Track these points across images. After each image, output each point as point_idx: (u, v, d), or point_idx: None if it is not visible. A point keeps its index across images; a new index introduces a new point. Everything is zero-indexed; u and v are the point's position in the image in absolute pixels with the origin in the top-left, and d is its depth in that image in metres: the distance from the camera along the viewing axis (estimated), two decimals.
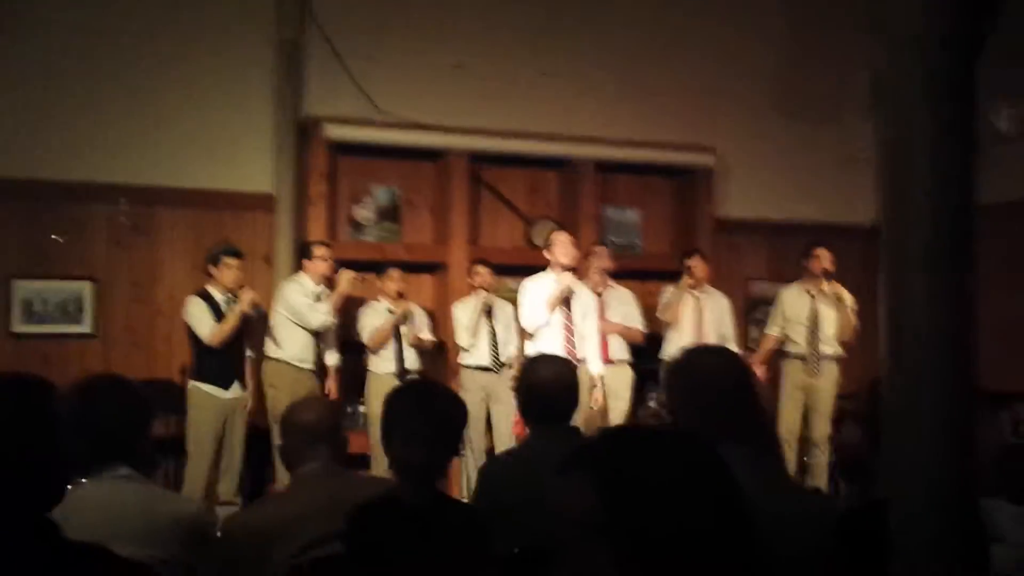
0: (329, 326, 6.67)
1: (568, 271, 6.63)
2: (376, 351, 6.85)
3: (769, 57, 8.66)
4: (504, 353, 6.98)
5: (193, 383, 6.31)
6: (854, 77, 8.57)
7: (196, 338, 6.30)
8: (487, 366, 6.92)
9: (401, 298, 6.87)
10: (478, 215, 7.93)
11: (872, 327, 2.81)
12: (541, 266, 6.98)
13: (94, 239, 7.07)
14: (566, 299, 6.62)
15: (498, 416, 6.85)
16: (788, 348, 7.38)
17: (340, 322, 7.06)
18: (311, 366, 6.65)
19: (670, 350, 7.21)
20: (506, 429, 6.74)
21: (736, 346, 7.46)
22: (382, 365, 6.85)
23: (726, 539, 1.34)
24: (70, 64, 6.99)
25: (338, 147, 7.44)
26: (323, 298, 6.67)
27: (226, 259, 6.37)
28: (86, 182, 6.98)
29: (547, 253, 6.74)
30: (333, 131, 7.29)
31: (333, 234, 7.43)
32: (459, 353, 7.03)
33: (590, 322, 6.73)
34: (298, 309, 6.56)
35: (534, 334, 6.65)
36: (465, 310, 6.99)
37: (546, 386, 3.12)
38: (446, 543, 2.47)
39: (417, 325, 6.97)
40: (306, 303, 6.58)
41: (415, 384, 2.79)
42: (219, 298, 6.36)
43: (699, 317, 7.28)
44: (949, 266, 2.66)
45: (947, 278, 2.65)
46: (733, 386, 2.29)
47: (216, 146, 7.33)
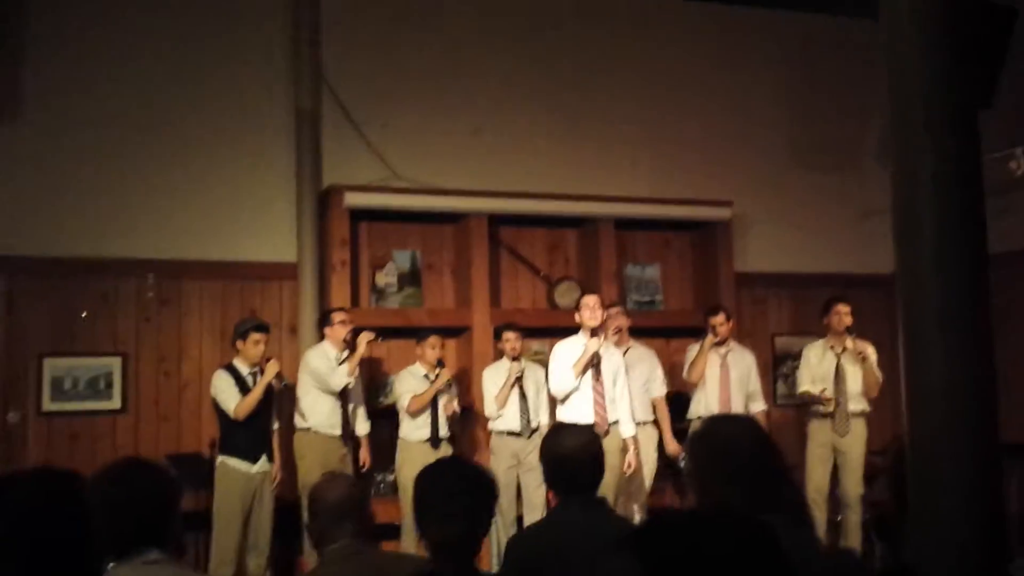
0: (350, 386, 6.69)
1: (596, 335, 6.62)
2: (414, 417, 6.84)
3: (785, 109, 8.73)
4: (535, 418, 6.95)
5: (221, 457, 6.34)
6: (871, 127, 8.62)
7: (223, 412, 6.35)
8: (517, 431, 6.90)
9: (441, 365, 6.88)
10: (499, 277, 7.97)
11: (896, 378, 2.81)
12: (564, 327, 6.99)
13: (122, 314, 7.14)
14: (595, 363, 6.62)
15: (528, 483, 6.80)
16: (814, 407, 7.32)
17: (366, 389, 7.10)
18: (339, 432, 6.67)
19: (698, 409, 7.20)
20: (536, 497, 6.69)
21: (763, 403, 7.45)
22: (415, 432, 6.84)
23: None
24: (94, 141, 7.12)
25: (358, 214, 7.53)
26: (343, 363, 6.71)
27: (254, 335, 6.44)
28: (113, 258, 7.08)
29: (577, 316, 6.75)
30: (353, 198, 7.38)
31: (356, 301, 7.49)
32: (489, 419, 7.03)
33: (621, 384, 6.71)
34: (319, 373, 6.61)
35: (564, 400, 6.64)
36: (494, 377, 6.98)
37: (571, 457, 3.12)
38: None
39: (451, 394, 6.98)
40: (326, 366, 6.64)
41: (446, 461, 2.79)
42: (245, 372, 6.42)
43: (725, 375, 7.26)
44: (965, 319, 2.66)
45: (963, 331, 2.66)
46: (755, 454, 2.30)
47: (239, 217, 7.43)
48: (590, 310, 6.63)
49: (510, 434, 6.90)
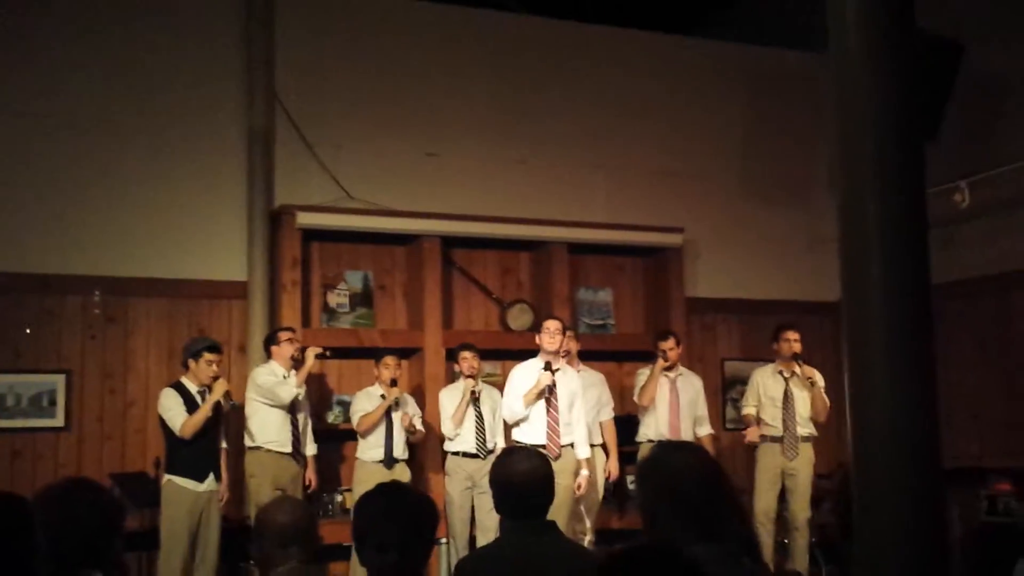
0: (299, 398, 6.65)
1: (550, 364, 6.63)
2: (365, 436, 6.83)
3: (736, 139, 8.85)
4: (491, 439, 6.95)
5: (168, 477, 6.25)
6: (821, 157, 8.78)
7: (170, 431, 6.26)
8: (473, 452, 6.90)
9: (394, 384, 6.86)
10: (452, 299, 7.98)
11: (844, 404, 2.85)
12: (516, 350, 7.00)
13: (67, 331, 7.04)
14: (547, 394, 6.63)
15: (482, 505, 6.77)
16: (763, 431, 7.40)
17: (314, 409, 7.06)
18: (290, 449, 6.62)
19: (647, 433, 7.27)
20: (489, 519, 6.64)
21: (710, 427, 7.52)
22: (370, 452, 6.83)
23: None
24: (40, 156, 7.04)
25: (310, 234, 7.49)
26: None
27: (207, 355, 6.37)
28: (59, 274, 6.98)
29: (537, 338, 6.76)
30: (305, 218, 7.35)
31: (307, 321, 7.45)
32: (445, 439, 7.01)
33: (578, 407, 6.73)
34: (267, 387, 6.56)
35: (518, 423, 6.65)
36: (451, 397, 6.99)
37: (521, 481, 3.12)
38: None
39: (410, 412, 6.95)
40: (274, 380, 6.60)
41: (384, 489, 2.76)
42: (193, 390, 6.35)
43: (675, 399, 7.33)
44: (908, 346, 2.71)
45: (907, 358, 2.70)
46: (703, 484, 2.31)
47: (188, 235, 7.36)
48: (550, 334, 6.66)
49: (466, 455, 6.91)
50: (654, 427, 7.24)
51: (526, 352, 6.91)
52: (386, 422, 6.83)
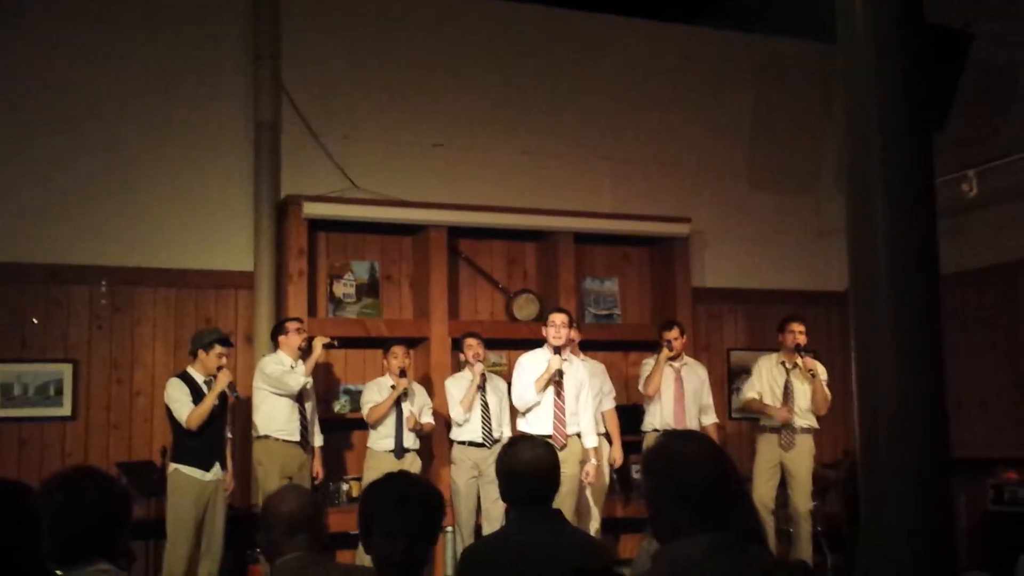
0: (307, 387, 6.67)
1: (557, 353, 6.64)
2: (374, 426, 6.85)
3: (742, 129, 8.82)
4: (497, 429, 6.96)
5: (174, 465, 6.28)
6: (828, 147, 8.76)
7: (176, 420, 6.28)
8: (479, 442, 6.90)
9: (403, 375, 6.87)
10: (458, 289, 7.97)
11: (850, 393, 2.85)
12: (522, 339, 7.00)
13: (74, 321, 7.05)
14: (557, 379, 6.63)
15: (488, 495, 6.78)
16: (762, 421, 7.40)
17: (321, 398, 7.07)
18: (298, 438, 6.62)
19: (653, 422, 7.29)
20: (495, 509, 6.65)
21: (715, 416, 7.52)
22: (381, 442, 6.85)
23: None
24: (48, 148, 7.05)
25: (317, 224, 7.49)
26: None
27: (218, 347, 6.39)
28: (65, 264, 7.00)
29: (543, 330, 6.77)
30: (311, 208, 7.35)
31: (313, 311, 7.45)
32: (452, 428, 7.02)
33: (584, 396, 6.73)
34: (276, 376, 6.57)
35: (524, 412, 6.64)
36: (458, 384, 6.98)
37: (527, 469, 3.13)
38: None
39: (417, 406, 6.96)
40: (282, 369, 6.61)
41: (390, 479, 2.76)
42: (199, 380, 6.36)
43: (679, 389, 7.33)
44: (916, 337, 2.70)
45: (914, 349, 2.69)
46: (709, 472, 2.31)
47: (196, 226, 7.37)
48: (555, 329, 6.67)
49: (472, 444, 6.91)
50: (659, 417, 7.25)
51: (532, 342, 6.91)
52: (396, 412, 6.84)
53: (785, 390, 7.31)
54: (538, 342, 6.85)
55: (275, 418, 6.58)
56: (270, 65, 7.54)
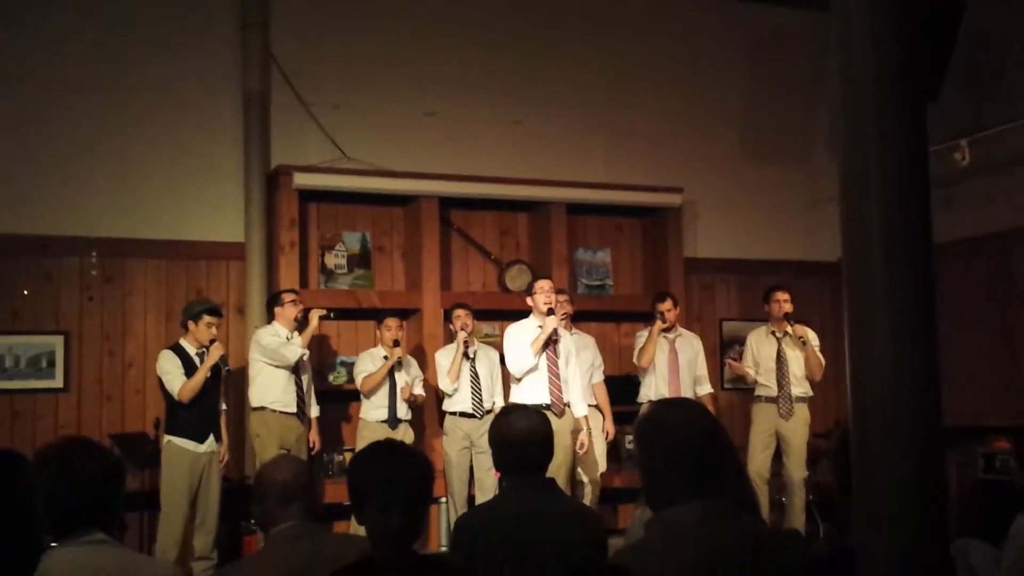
0: (304, 358, 6.67)
1: (551, 315, 6.64)
2: (368, 396, 6.86)
3: (736, 99, 8.79)
4: (488, 399, 6.96)
5: (167, 437, 6.28)
6: (820, 117, 8.73)
7: (169, 392, 6.28)
8: (470, 412, 6.92)
9: (396, 345, 6.87)
10: (450, 260, 7.96)
11: (842, 364, 2.85)
12: (514, 310, 6.99)
13: (65, 293, 7.03)
14: (552, 343, 6.64)
15: (481, 465, 6.81)
16: (758, 391, 7.43)
17: (315, 369, 7.07)
18: (295, 409, 6.63)
19: (648, 394, 7.30)
20: (488, 478, 6.70)
21: (710, 386, 7.55)
22: (374, 413, 6.86)
23: None
24: (37, 118, 7.00)
25: (307, 194, 7.46)
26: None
27: (207, 317, 6.38)
28: (56, 235, 6.96)
29: (529, 300, 6.76)
30: (301, 179, 7.31)
31: (305, 282, 7.43)
32: (443, 400, 7.03)
33: (573, 365, 6.75)
34: (273, 348, 6.56)
35: (520, 379, 6.65)
36: (447, 356, 6.99)
37: (520, 438, 3.14)
38: None
39: (410, 377, 6.97)
40: (279, 341, 6.60)
41: (380, 447, 2.72)
42: (191, 352, 6.35)
43: (674, 360, 7.35)
44: (909, 306, 2.71)
45: (907, 318, 2.70)
46: (702, 440, 2.31)
47: (185, 196, 7.34)
48: (545, 293, 6.66)
49: (463, 415, 6.92)
50: (654, 388, 7.27)
51: (525, 313, 6.91)
52: (389, 383, 6.85)
53: (778, 359, 7.33)
54: (530, 313, 6.83)
55: (272, 390, 6.57)
56: (259, 34, 7.48)
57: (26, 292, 6.91)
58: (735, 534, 2.23)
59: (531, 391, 6.55)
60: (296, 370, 6.65)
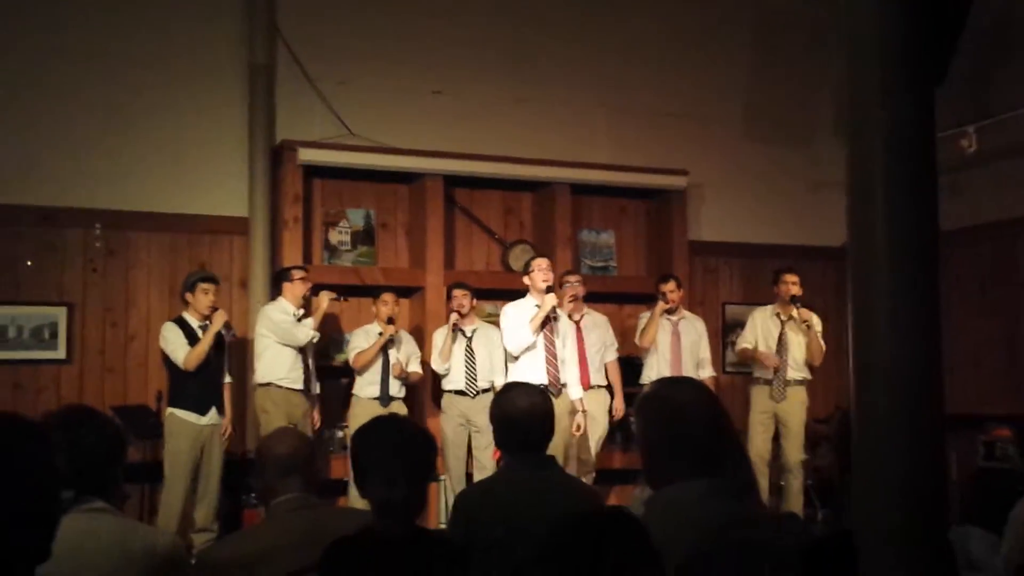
0: (314, 340, 6.69)
1: (550, 292, 6.64)
2: (361, 372, 6.86)
3: (741, 82, 8.75)
4: (486, 379, 6.95)
5: (170, 409, 6.30)
6: (826, 101, 8.69)
7: (172, 364, 6.29)
8: (463, 391, 6.93)
9: (390, 322, 6.87)
10: (453, 238, 7.95)
11: (845, 349, 2.85)
12: (517, 290, 6.99)
13: (68, 264, 7.04)
14: (550, 322, 6.63)
15: (478, 443, 6.84)
16: (755, 372, 7.43)
17: (319, 348, 7.06)
18: (301, 386, 6.63)
19: (650, 375, 7.28)
20: (485, 456, 6.73)
21: (712, 370, 7.54)
22: (366, 389, 6.87)
23: None
24: (42, 90, 6.98)
25: (312, 170, 7.45)
26: (302, 319, 6.68)
27: (202, 285, 6.38)
28: (60, 207, 6.96)
29: (526, 279, 6.76)
30: (306, 154, 7.30)
31: (308, 258, 7.43)
32: (442, 378, 7.04)
33: (570, 346, 6.74)
34: (283, 327, 6.56)
35: (518, 357, 6.64)
36: (443, 335, 7.00)
37: (521, 416, 3.14)
38: None
39: (404, 354, 6.96)
40: (290, 320, 6.60)
41: (383, 420, 2.75)
42: (194, 324, 6.36)
43: (676, 342, 7.35)
44: (914, 292, 2.70)
45: (912, 304, 2.69)
46: (704, 418, 2.32)
47: (190, 170, 7.33)
48: (543, 271, 6.66)
49: (458, 393, 6.93)
50: (656, 370, 7.25)
51: (528, 293, 6.90)
52: (382, 359, 6.85)
53: (780, 341, 7.34)
54: None
55: (279, 366, 6.57)
56: (265, 7, 7.45)
57: (30, 263, 6.91)
58: (734, 514, 2.24)
59: (528, 370, 6.54)
60: (303, 348, 6.65)
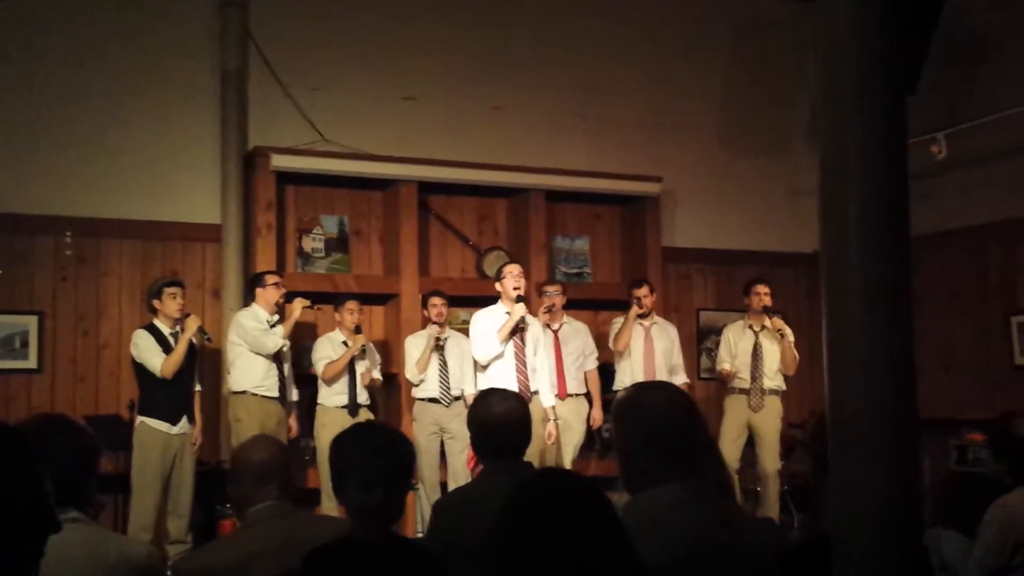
0: (284, 349, 6.63)
1: (520, 302, 6.63)
2: (330, 384, 6.81)
3: (716, 89, 8.80)
4: (457, 387, 6.94)
5: (140, 418, 6.22)
6: (799, 109, 8.76)
7: (143, 373, 6.22)
8: (437, 399, 6.92)
9: (358, 331, 6.84)
10: (428, 245, 7.94)
11: (819, 356, 2.87)
12: (492, 296, 6.99)
13: (39, 272, 6.97)
14: (520, 331, 6.62)
15: (452, 450, 6.83)
16: (732, 383, 7.47)
17: (295, 357, 7.02)
18: (276, 394, 6.58)
19: (623, 380, 7.29)
20: (459, 463, 6.71)
21: (685, 376, 7.56)
22: (333, 398, 6.82)
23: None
24: (13, 96, 6.92)
25: (285, 177, 7.42)
26: (275, 326, 6.63)
27: (168, 289, 6.32)
28: (30, 214, 6.90)
29: (498, 285, 6.76)
30: (279, 161, 7.27)
31: (282, 265, 7.39)
32: (413, 385, 7.02)
33: (542, 355, 6.74)
34: (253, 335, 6.51)
35: (486, 366, 6.63)
36: (417, 344, 6.98)
37: (498, 422, 3.14)
38: None
39: (370, 362, 6.93)
40: (260, 328, 6.55)
41: (362, 427, 2.75)
42: (165, 331, 6.30)
43: (649, 347, 7.37)
44: (886, 298, 2.72)
45: (884, 310, 2.71)
46: (679, 422, 2.32)
47: (162, 177, 7.28)
48: (514, 278, 6.65)
49: (431, 401, 6.92)
50: (629, 375, 7.27)
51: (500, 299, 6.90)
52: (349, 368, 6.81)
53: (754, 352, 7.36)
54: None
55: (254, 374, 6.51)
56: (238, 12, 7.43)
57: (0, 271, 6.83)
58: (712, 517, 2.25)
59: (497, 379, 6.47)
60: (277, 356, 6.61)
